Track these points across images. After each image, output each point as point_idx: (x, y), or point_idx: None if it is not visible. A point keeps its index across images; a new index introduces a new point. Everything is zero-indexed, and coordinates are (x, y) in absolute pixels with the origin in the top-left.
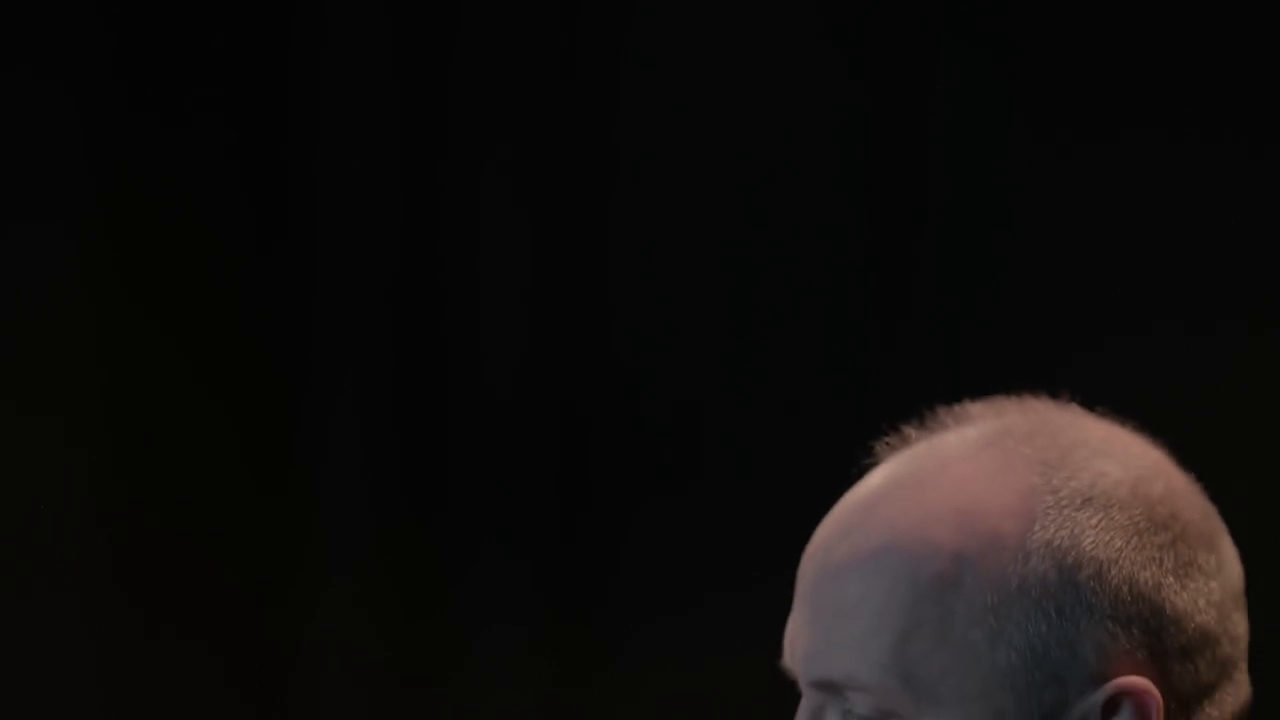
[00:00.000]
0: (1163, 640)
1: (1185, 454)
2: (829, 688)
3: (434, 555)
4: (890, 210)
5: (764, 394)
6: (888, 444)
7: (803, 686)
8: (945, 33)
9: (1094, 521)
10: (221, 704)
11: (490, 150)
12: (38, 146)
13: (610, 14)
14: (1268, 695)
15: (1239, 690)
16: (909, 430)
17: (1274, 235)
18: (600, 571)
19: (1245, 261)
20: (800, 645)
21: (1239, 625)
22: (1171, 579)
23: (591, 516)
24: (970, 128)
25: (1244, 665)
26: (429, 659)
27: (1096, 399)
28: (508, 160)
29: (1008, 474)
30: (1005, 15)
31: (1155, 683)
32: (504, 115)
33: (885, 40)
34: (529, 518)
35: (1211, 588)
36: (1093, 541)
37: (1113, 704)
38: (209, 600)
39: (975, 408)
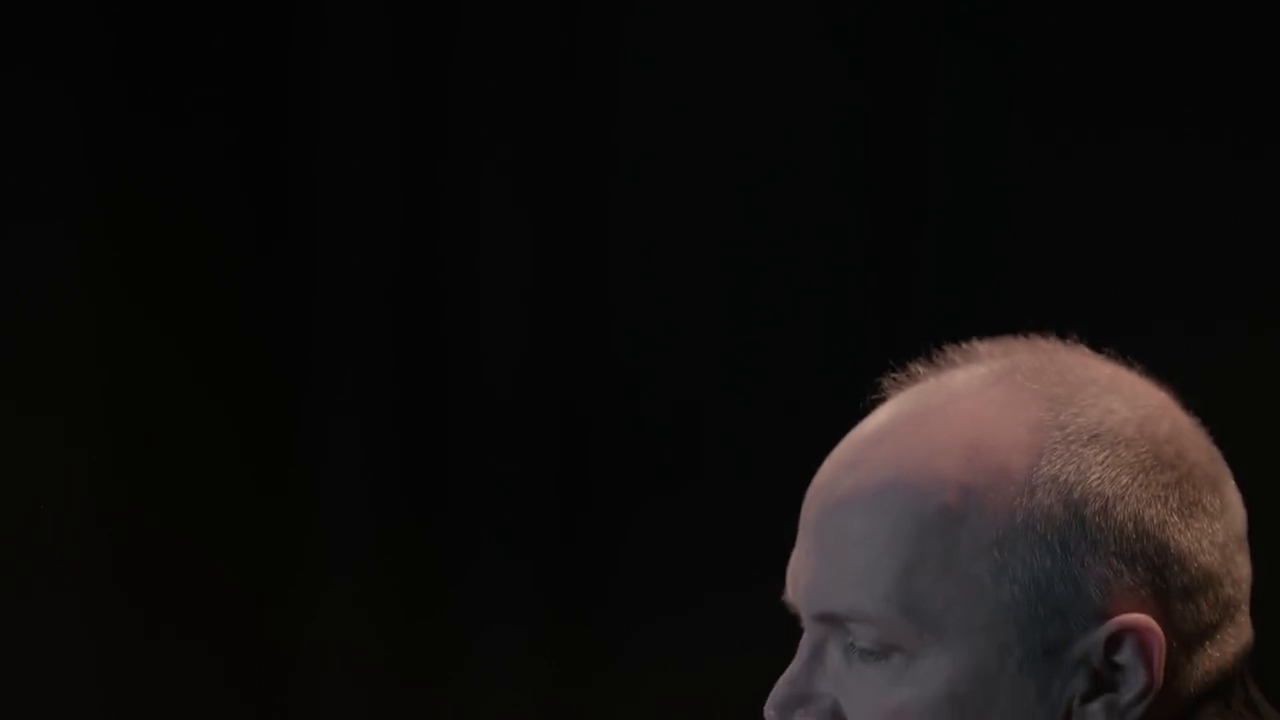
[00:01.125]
0: (1166, 579)
1: None
2: (831, 620)
3: (434, 555)
4: (890, 210)
5: (764, 394)
6: (895, 380)
7: (805, 620)
8: (945, 33)
9: (1100, 458)
10: (221, 704)
11: (490, 150)
12: (38, 146)
13: (610, 14)
14: (1269, 640)
15: (1241, 632)
16: (917, 368)
17: (1274, 235)
18: (600, 571)
19: (1245, 261)
20: (803, 578)
21: (1242, 567)
22: (1176, 518)
23: (591, 516)
24: (970, 128)
25: (1246, 608)
26: (429, 659)
27: None
28: (508, 160)
29: (1015, 409)
30: (1005, 15)
31: (1158, 621)
32: (504, 115)
33: (885, 40)
34: (529, 518)
35: (1215, 528)
36: (1099, 477)
37: (1115, 640)
38: (209, 600)
39: (983, 346)
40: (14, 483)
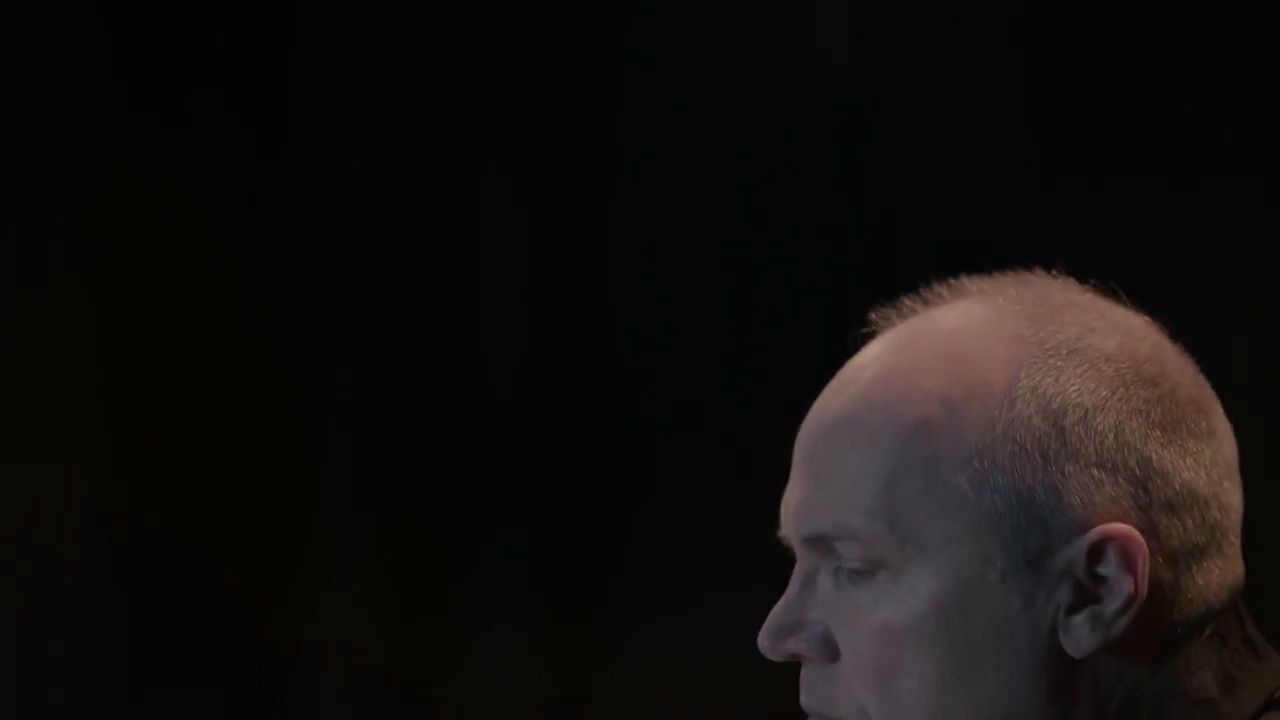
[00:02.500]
0: (1149, 491)
1: None
2: (819, 543)
3: (434, 555)
4: (890, 210)
5: (764, 394)
6: (884, 315)
7: (796, 547)
8: (942, 32)
9: (1080, 370)
10: (222, 704)
11: (490, 150)
12: (38, 146)
13: (610, 14)
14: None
15: (1230, 565)
16: (906, 302)
17: (1274, 233)
18: (600, 571)
19: (1245, 259)
20: (793, 503)
21: (1231, 494)
22: (1158, 432)
23: (591, 516)
24: (967, 126)
25: (1236, 541)
26: (429, 659)
27: None
28: (508, 160)
29: (997, 327)
30: (1005, 13)
31: (1142, 534)
32: (504, 115)
33: (883, 40)
34: (529, 518)
35: (1201, 449)
36: (1078, 389)
37: (1097, 550)
38: (209, 600)
39: (971, 282)
40: (14, 483)
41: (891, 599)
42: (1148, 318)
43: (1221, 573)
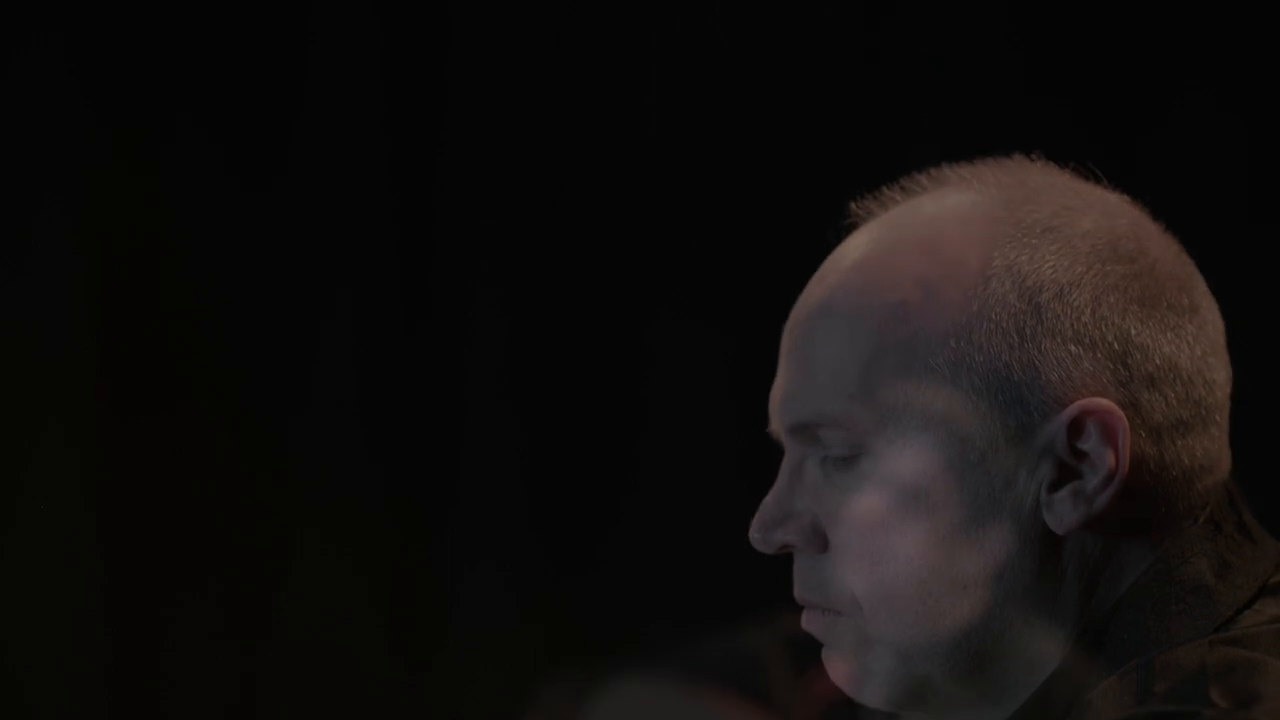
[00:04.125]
0: (1129, 366)
1: None
2: (804, 432)
3: (433, 555)
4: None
5: (763, 393)
6: (866, 207)
7: (783, 438)
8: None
9: (1054, 248)
10: (220, 704)
11: (488, 146)
12: (37, 146)
13: (609, 14)
14: None
15: (1215, 446)
16: (887, 192)
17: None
18: (597, 571)
19: (1245, 256)
20: (778, 394)
21: (1216, 371)
22: (1136, 307)
23: (587, 518)
24: (965, 123)
25: (1224, 424)
26: (426, 658)
27: None
28: (505, 155)
29: (974, 209)
30: (1003, 12)
31: (1123, 408)
32: (504, 114)
33: (884, 40)
34: (526, 519)
35: (1182, 323)
36: (1053, 266)
37: (1078, 426)
38: (208, 601)
39: (951, 171)
40: (13, 482)
41: (875, 483)
42: (1126, 196)
43: (1207, 452)
